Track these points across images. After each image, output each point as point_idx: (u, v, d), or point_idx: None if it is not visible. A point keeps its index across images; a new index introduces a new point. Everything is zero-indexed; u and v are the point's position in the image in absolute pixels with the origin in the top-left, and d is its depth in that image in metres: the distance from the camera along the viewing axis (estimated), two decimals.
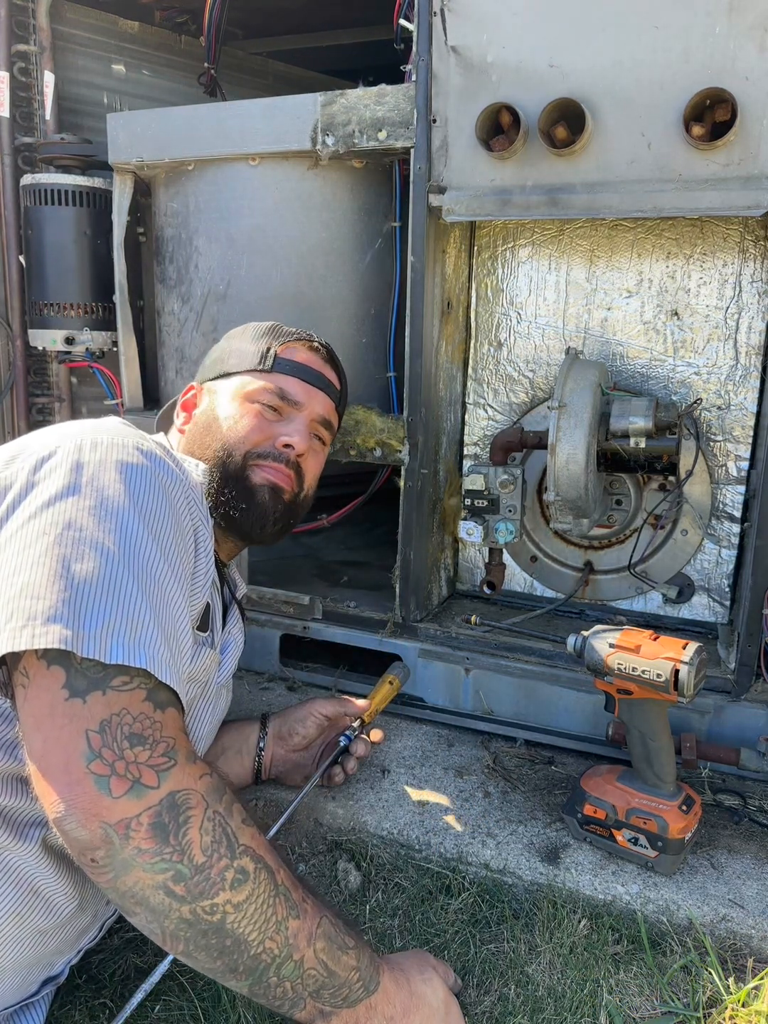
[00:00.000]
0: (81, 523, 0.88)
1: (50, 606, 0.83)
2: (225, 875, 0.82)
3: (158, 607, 0.89)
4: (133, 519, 0.91)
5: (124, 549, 0.88)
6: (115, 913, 1.16)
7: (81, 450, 0.94)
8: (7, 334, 2.20)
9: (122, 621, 0.84)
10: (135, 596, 0.87)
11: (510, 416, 1.82)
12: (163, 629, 0.88)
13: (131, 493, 0.92)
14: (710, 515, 1.68)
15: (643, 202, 1.41)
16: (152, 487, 0.96)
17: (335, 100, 1.60)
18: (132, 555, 0.89)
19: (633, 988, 1.13)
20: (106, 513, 0.89)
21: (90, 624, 0.83)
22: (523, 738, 1.66)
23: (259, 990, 0.86)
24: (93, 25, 2.20)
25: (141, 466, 0.96)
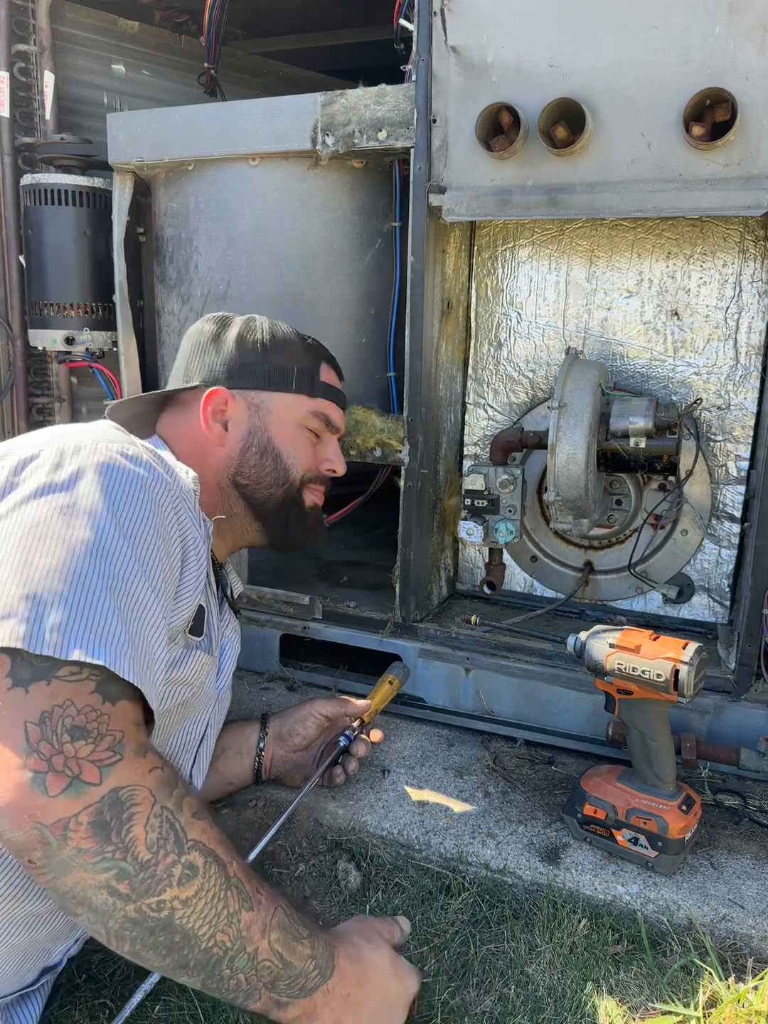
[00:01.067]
0: (51, 522, 0.86)
1: (6, 603, 0.81)
2: (172, 871, 0.80)
3: (124, 608, 0.86)
4: (106, 520, 0.89)
5: (92, 549, 0.86)
6: None
7: (63, 452, 0.93)
8: (7, 334, 2.20)
9: (81, 618, 0.82)
10: (100, 594, 0.84)
11: (510, 416, 1.82)
12: (128, 628, 0.85)
13: (108, 496, 0.91)
14: (710, 515, 1.68)
15: (643, 202, 1.41)
16: (134, 491, 0.94)
17: (335, 100, 1.60)
18: (100, 555, 0.87)
19: (633, 988, 1.13)
20: (78, 513, 0.88)
21: (47, 621, 0.80)
22: (523, 738, 1.66)
23: (212, 984, 0.85)
24: (93, 25, 2.20)
25: (124, 469, 0.94)
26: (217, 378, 1.33)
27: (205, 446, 1.30)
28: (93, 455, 0.94)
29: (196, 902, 0.82)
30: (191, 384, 1.32)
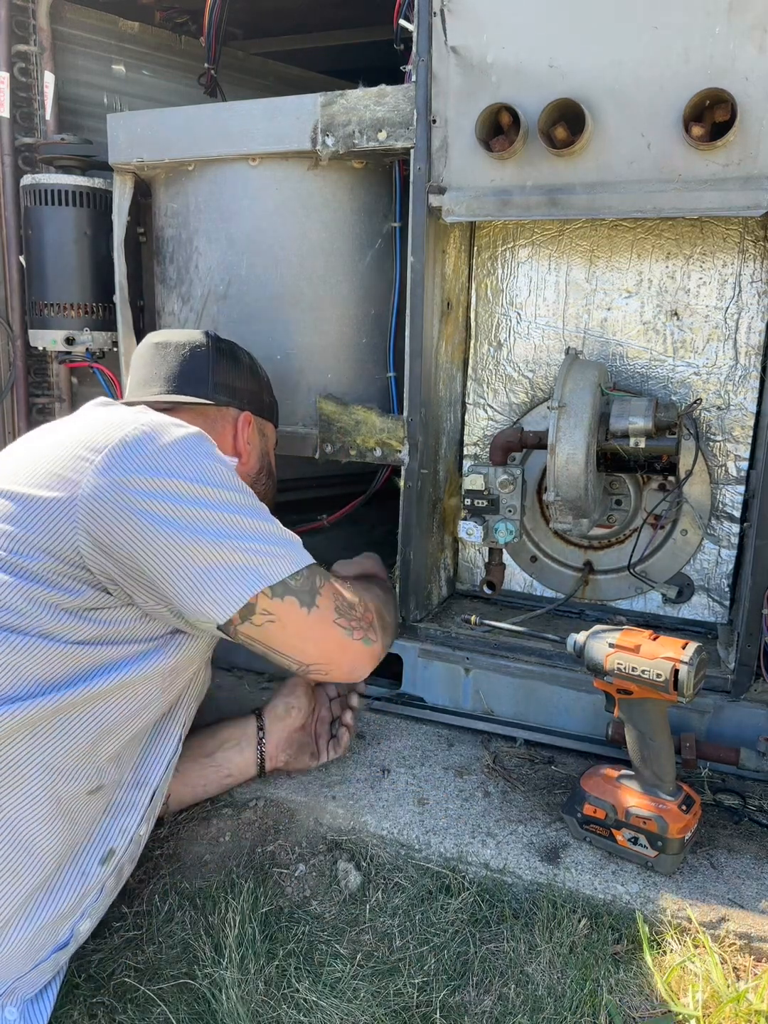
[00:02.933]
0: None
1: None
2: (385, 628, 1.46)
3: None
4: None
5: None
6: (119, 883, 1.22)
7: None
8: (7, 334, 2.20)
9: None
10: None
11: (510, 416, 1.82)
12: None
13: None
14: (710, 515, 1.68)
15: (643, 202, 1.41)
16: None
17: (335, 100, 1.60)
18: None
19: (633, 988, 1.13)
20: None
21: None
22: (523, 738, 1.66)
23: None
24: (93, 25, 2.20)
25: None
26: (241, 402, 1.51)
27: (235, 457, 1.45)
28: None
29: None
30: (213, 401, 1.46)
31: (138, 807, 1.22)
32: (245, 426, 1.50)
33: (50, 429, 1.26)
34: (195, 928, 1.26)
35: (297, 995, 1.15)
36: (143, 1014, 1.13)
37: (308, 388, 1.81)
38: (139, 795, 1.23)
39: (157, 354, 1.49)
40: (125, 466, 1.11)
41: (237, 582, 1.13)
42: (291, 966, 1.19)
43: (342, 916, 1.29)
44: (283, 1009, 1.13)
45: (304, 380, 1.81)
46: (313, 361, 1.81)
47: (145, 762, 1.24)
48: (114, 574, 1.12)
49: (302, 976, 1.18)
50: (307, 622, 1.20)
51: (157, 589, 1.13)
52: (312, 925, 1.27)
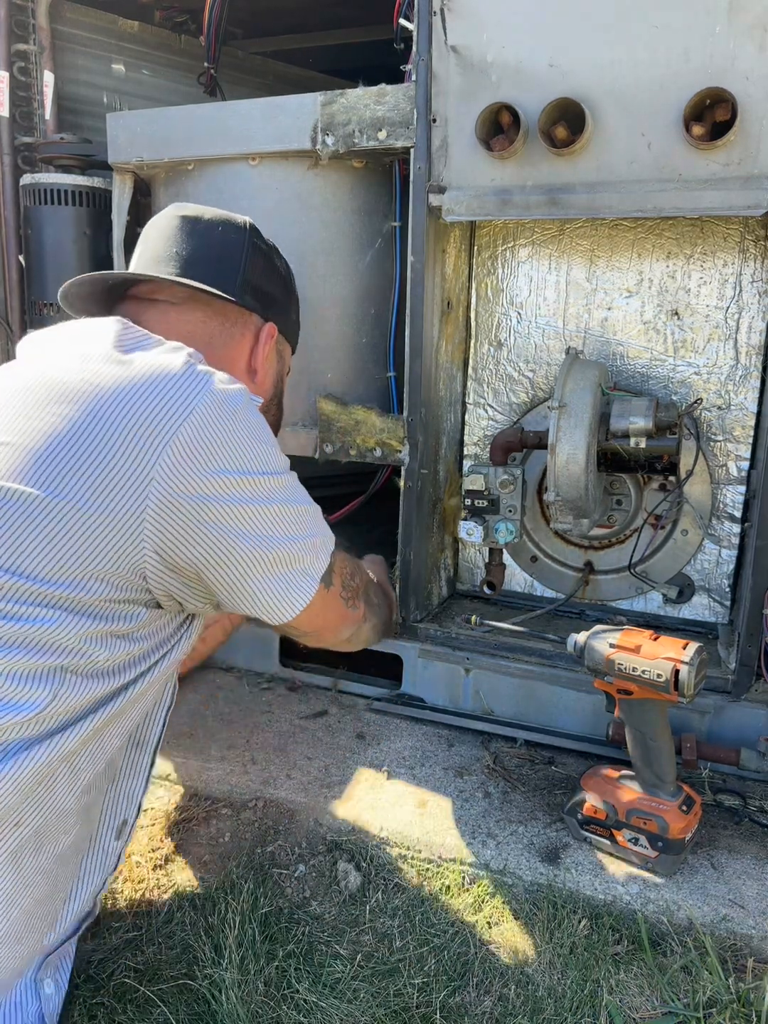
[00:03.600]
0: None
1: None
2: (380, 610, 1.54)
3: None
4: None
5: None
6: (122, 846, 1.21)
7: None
8: (6, 334, 2.19)
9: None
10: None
11: (510, 416, 1.82)
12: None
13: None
14: (710, 515, 1.68)
15: (643, 202, 1.41)
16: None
17: (335, 100, 1.60)
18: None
19: (633, 988, 1.13)
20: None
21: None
22: (523, 738, 1.65)
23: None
24: (93, 25, 2.20)
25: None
26: (268, 311, 1.32)
27: (235, 374, 1.18)
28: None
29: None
30: (240, 301, 1.25)
31: (141, 770, 1.19)
32: (268, 339, 1.31)
33: (56, 373, 1.02)
34: (195, 929, 1.26)
35: (297, 996, 1.15)
36: (143, 1015, 1.13)
37: (308, 388, 1.80)
38: (140, 757, 1.19)
39: (182, 229, 1.27)
40: (195, 467, 0.98)
41: (295, 592, 1.12)
42: (291, 967, 1.19)
43: (342, 917, 1.29)
44: (283, 1010, 1.13)
45: (304, 380, 1.81)
46: (313, 361, 1.81)
47: (144, 722, 1.19)
48: (174, 589, 1.05)
49: (302, 977, 1.18)
50: (323, 600, 1.18)
51: (215, 595, 1.09)
52: (312, 926, 1.27)
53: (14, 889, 0.98)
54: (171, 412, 0.97)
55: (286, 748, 1.64)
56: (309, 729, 1.70)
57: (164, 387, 0.99)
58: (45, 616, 0.94)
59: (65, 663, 0.96)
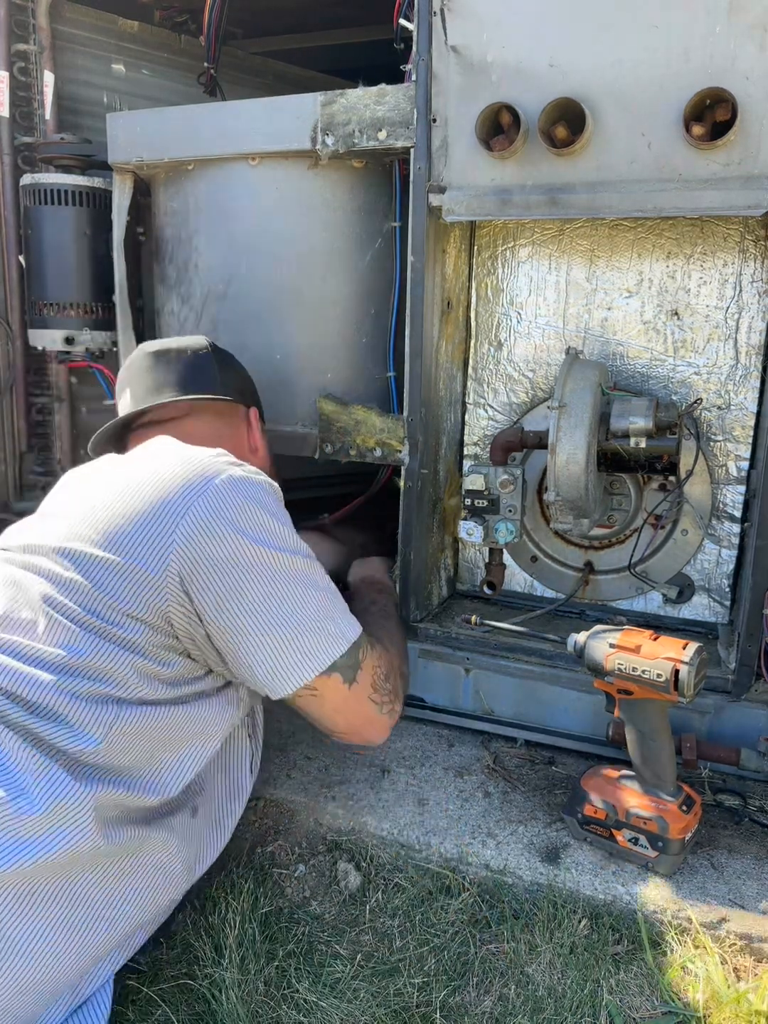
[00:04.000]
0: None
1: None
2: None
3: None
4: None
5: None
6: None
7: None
8: (7, 334, 2.19)
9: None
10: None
11: (510, 416, 1.82)
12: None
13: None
14: (710, 515, 1.68)
15: (643, 202, 1.41)
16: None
17: (335, 100, 1.60)
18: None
19: (633, 988, 1.13)
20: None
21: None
22: (523, 738, 1.65)
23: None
24: (93, 25, 2.20)
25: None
26: (247, 399, 1.57)
27: (244, 456, 1.44)
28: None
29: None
30: (231, 398, 1.50)
31: (235, 813, 1.32)
32: (256, 421, 1.56)
33: (111, 470, 1.27)
34: (195, 928, 1.26)
35: (297, 995, 1.15)
36: (144, 1015, 1.13)
37: (308, 388, 1.80)
38: (234, 804, 1.32)
39: (159, 362, 1.50)
40: (209, 531, 1.14)
41: (292, 670, 1.19)
42: (291, 966, 1.19)
43: (342, 916, 1.29)
44: (283, 1009, 1.13)
45: (304, 380, 1.81)
46: (313, 361, 1.81)
47: (230, 774, 1.32)
48: (196, 636, 1.17)
49: (302, 976, 1.18)
50: (345, 698, 1.25)
51: (224, 658, 1.19)
52: (312, 925, 1.27)
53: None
54: (195, 486, 1.16)
55: (286, 748, 1.64)
56: (309, 729, 1.70)
57: (195, 472, 1.18)
58: (104, 648, 1.11)
59: (116, 693, 1.11)
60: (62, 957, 1.02)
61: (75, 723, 1.07)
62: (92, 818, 1.03)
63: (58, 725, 1.06)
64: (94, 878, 1.06)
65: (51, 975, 1.01)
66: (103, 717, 1.08)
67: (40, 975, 0.99)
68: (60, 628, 1.10)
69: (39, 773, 1.02)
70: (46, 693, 1.06)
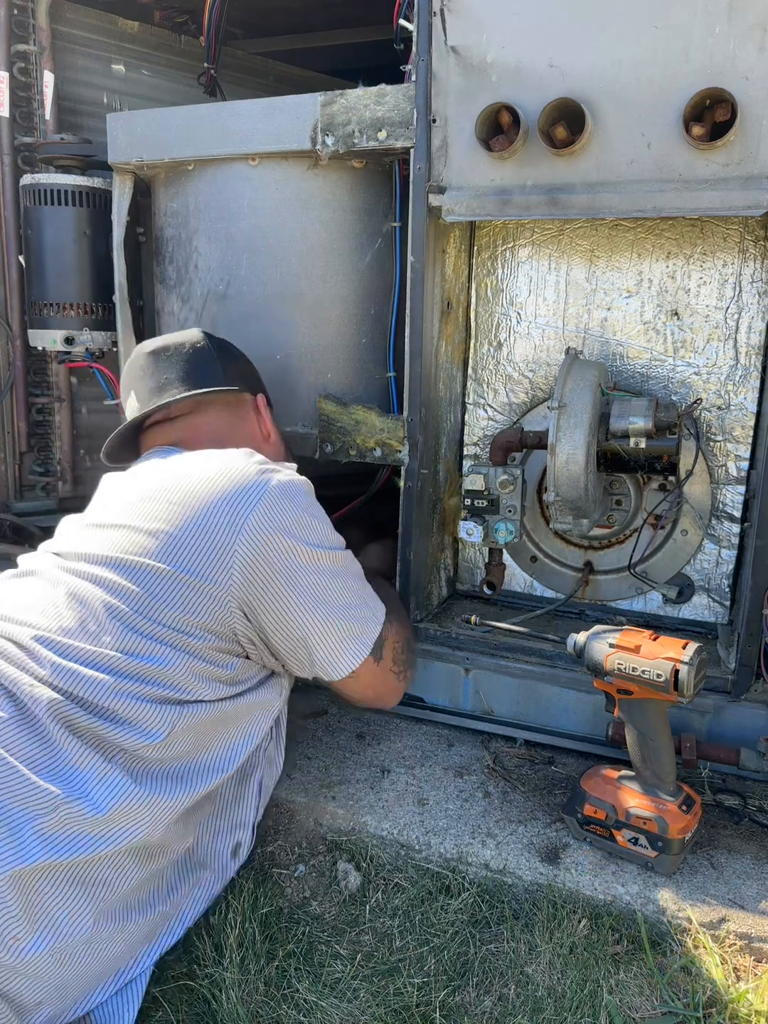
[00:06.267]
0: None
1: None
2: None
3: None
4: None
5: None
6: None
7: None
8: (7, 334, 2.20)
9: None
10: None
11: (510, 416, 1.82)
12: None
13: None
14: (710, 515, 1.68)
15: (643, 202, 1.41)
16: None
17: (335, 100, 1.60)
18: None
19: (633, 988, 1.13)
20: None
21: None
22: (523, 738, 1.65)
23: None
24: (93, 25, 2.20)
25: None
26: (251, 387, 1.57)
27: (259, 444, 1.52)
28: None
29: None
30: (229, 387, 1.49)
31: (248, 799, 1.35)
32: (264, 407, 1.57)
33: (159, 475, 1.32)
34: (196, 928, 1.26)
35: (297, 995, 1.15)
36: (144, 1015, 1.13)
37: (308, 388, 1.81)
38: (246, 788, 1.35)
39: (159, 360, 1.50)
40: (267, 540, 1.21)
41: (348, 655, 1.31)
42: (291, 966, 1.19)
43: (342, 916, 1.29)
44: (283, 1009, 1.13)
45: (304, 380, 1.81)
46: (313, 361, 1.81)
47: (244, 756, 1.33)
48: (255, 639, 1.26)
49: (302, 976, 1.18)
50: (374, 673, 1.38)
51: (276, 654, 1.29)
52: (312, 926, 1.27)
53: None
54: (248, 496, 1.22)
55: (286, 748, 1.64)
56: (309, 729, 1.70)
57: (241, 483, 1.24)
58: (165, 654, 1.17)
59: (177, 696, 1.17)
60: (110, 944, 1.10)
61: (138, 723, 1.13)
62: (151, 819, 1.11)
63: (120, 725, 1.12)
64: (133, 866, 1.12)
65: (102, 959, 1.09)
66: (166, 716, 1.14)
67: (92, 960, 1.07)
68: (122, 636, 1.16)
69: (102, 776, 1.08)
70: (106, 695, 1.12)
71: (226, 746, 1.25)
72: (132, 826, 1.09)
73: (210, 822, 1.29)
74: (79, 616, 1.17)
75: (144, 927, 1.16)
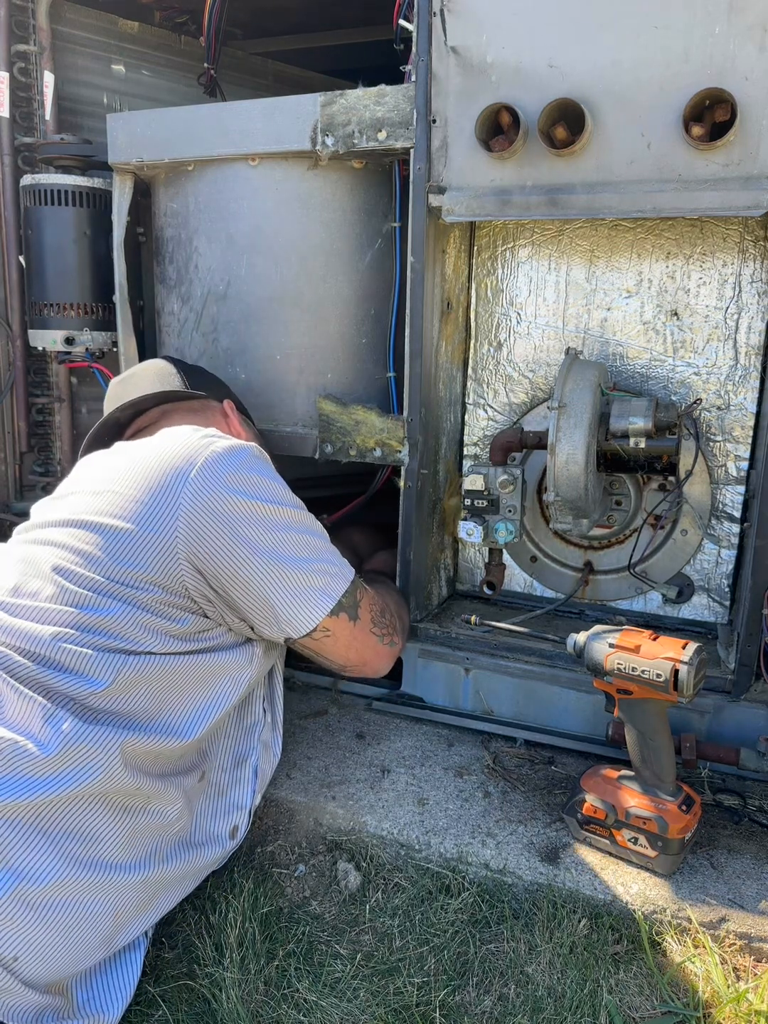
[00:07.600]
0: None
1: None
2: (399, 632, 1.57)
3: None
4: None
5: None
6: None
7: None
8: (7, 334, 2.20)
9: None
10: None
11: (510, 416, 1.82)
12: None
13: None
14: (710, 515, 1.68)
15: (643, 202, 1.41)
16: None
17: (335, 100, 1.60)
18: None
19: (633, 988, 1.13)
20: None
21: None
22: (523, 738, 1.66)
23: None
24: (93, 25, 2.20)
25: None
26: (218, 394, 1.61)
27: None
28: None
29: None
30: (194, 392, 1.55)
31: (243, 783, 1.36)
32: (232, 411, 1.60)
33: (114, 453, 1.36)
34: (196, 928, 1.27)
35: (297, 995, 1.15)
36: (144, 1016, 1.13)
37: (308, 388, 1.81)
38: (241, 772, 1.37)
39: (125, 383, 1.61)
40: (211, 493, 1.22)
41: (310, 606, 1.29)
42: (291, 966, 1.19)
43: (342, 916, 1.29)
44: (283, 1009, 1.13)
45: (304, 380, 1.81)
46: (313, 361, 1.81)
47: (239, 741, 1.38)
48: (211, 596, 1.24)
49: (302, 976, 1.18)
50: (353, 633, 1.37)
51: (239, 611, 1.27)
52: (312, 925, 1.27)
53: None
54: (192, 457, 1.24)
55: (286, 748, 1.64)
56: (309, 729, 1.70)
57: (188, 445, 1.27)
58: (109, 606, 1.18)
59: (123, 647, 1.18)
60: (86, 897, 1.08)
61: (82, 671, 1.14)
62: (104, 760, 1.11)
63: (65, 673, 1.13)
64: (104, 818, 1.12)
65: (79, 916, 1.07)
66: (111, 663, 1.15)
67: (67, 915, 1.06)
68: (66, 591, 1.18)
69: (48, 717, 1.09)
70: (48, 646, 1.13)
71: (189, 710, 1.24)
72: (83, 767, 1.09)
73: (207, 804, 1.31)
74: (24, 574, 1.22)
75: (121, 890, 1.14)
